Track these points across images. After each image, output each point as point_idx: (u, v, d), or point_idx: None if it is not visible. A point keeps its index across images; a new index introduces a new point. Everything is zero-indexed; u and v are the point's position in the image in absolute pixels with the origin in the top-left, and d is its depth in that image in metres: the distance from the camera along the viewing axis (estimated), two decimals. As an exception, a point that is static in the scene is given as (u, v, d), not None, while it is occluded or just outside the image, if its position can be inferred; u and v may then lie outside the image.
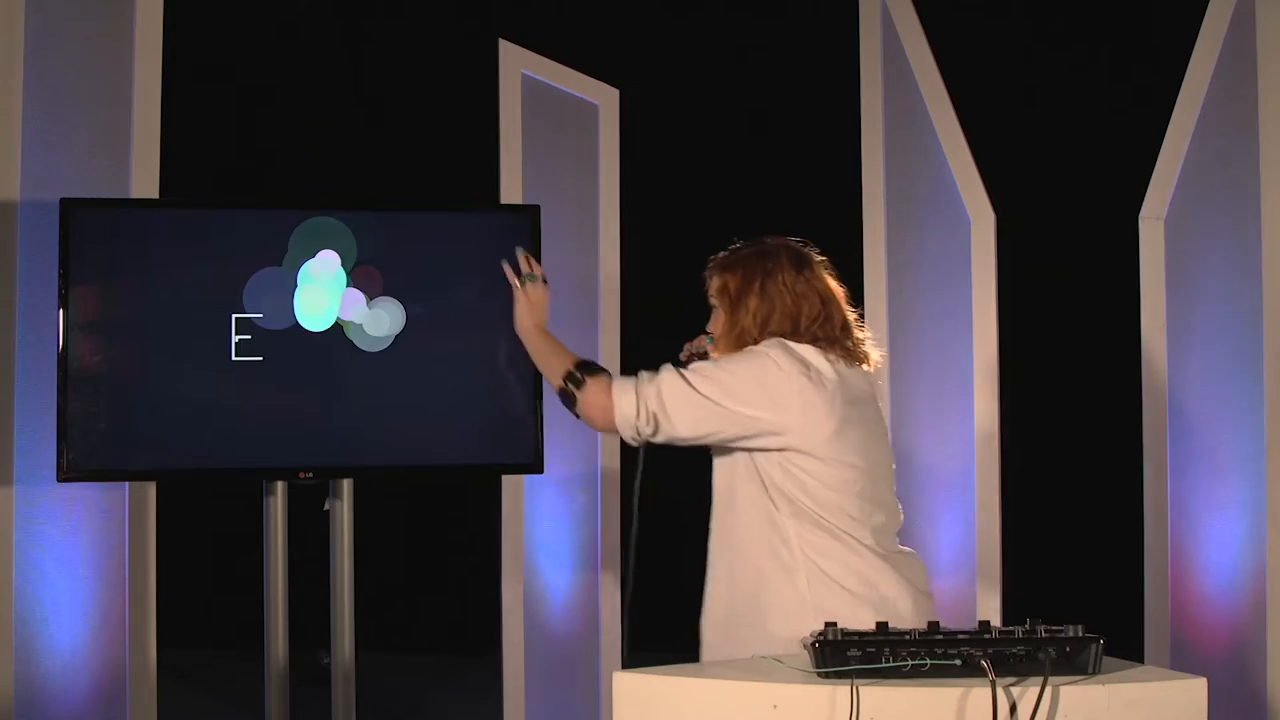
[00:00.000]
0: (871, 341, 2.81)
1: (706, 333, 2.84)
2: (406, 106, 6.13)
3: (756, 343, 2.70)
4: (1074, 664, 2.19)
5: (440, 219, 3.75)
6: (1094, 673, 2.19)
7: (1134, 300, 4.13)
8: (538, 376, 3.71)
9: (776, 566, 2.64)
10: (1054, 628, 2.20)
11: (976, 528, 4.22)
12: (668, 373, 2.68)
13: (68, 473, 3.47)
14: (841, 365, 2.70)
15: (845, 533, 2.63)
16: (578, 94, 4.40)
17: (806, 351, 2.67)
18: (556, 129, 4.37)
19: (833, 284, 2.78)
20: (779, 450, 2.64)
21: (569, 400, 2.76)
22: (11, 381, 3.69)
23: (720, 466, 2.77)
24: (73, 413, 3.46)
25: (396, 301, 3.64)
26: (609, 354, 4.36)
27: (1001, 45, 5.57)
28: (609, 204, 4.42)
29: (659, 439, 2.67)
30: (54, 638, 3.72)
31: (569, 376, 2.75)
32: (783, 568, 2.63)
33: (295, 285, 3.59)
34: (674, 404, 2.64)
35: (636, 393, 2.66)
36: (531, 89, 4.32)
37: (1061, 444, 5.41)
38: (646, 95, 4.85)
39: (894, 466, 2.81)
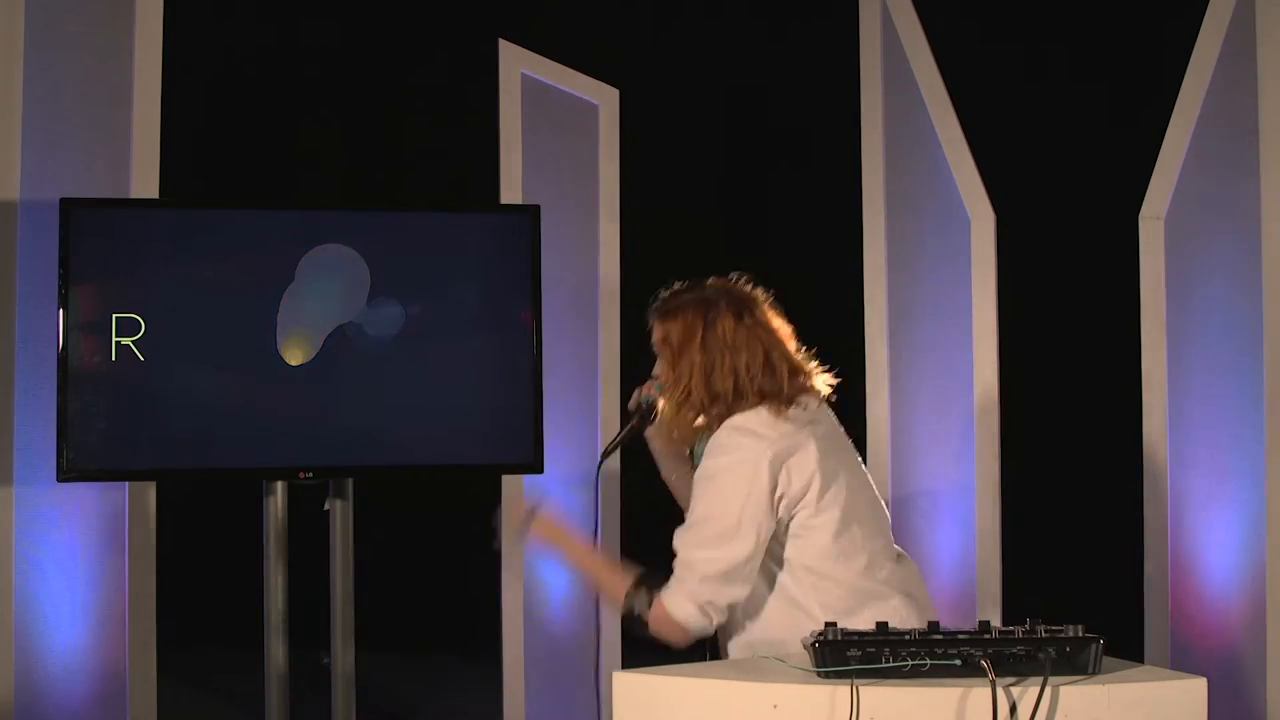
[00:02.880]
0: (819, 370, 2.73)
1: (655, 377, 2.78)
2: (406, 106, 6.13)
3: (704, 404, 2.62)
4: (1074, 664, 2.18)
5: (440, 219, 3.75)
6: (1094, 673, 2.19)
7: (1134, 300, 4.13)
8: (537, 376, 3.71)
9: (797, 623, 2.56)
10: (1054, 628, 2.20)
11: (976, 528, 4.22)
12: (688, 562, 2.55)
13: (68, 473, 3.47)
14: (796, 411, 2.63)
15: (858, 577, 2.59)
16: (578, 94, 4.40)
17: (757, 420, 2.59)
18: (556, 129, 4.37)
19: (777, 325, 2.71)
20: (791, 518, 2.59)
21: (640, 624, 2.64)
22: (11, 381, 3.69)
23: None
24: (73, 413, 3.46)
25: (396, 301, 3.64)
26: (609, 354, 4.36)
27: (1001, 45, 5.57)
28: (609, 204, 4.42)
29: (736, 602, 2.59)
30: (54, 638, 3.72)
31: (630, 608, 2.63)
32: (807, 620, 2.55)
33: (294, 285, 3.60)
34: (721, 584, 2.54)
35: (694, 604, 2.54)
36: (531, 89, 4.32)
37: (1061, 444, 5.40)
38: (646, 95, 4.85)
39: (869, 478, 2.77)
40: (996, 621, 2.86)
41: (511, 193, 4.25)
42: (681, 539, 2.59)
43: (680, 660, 2.46)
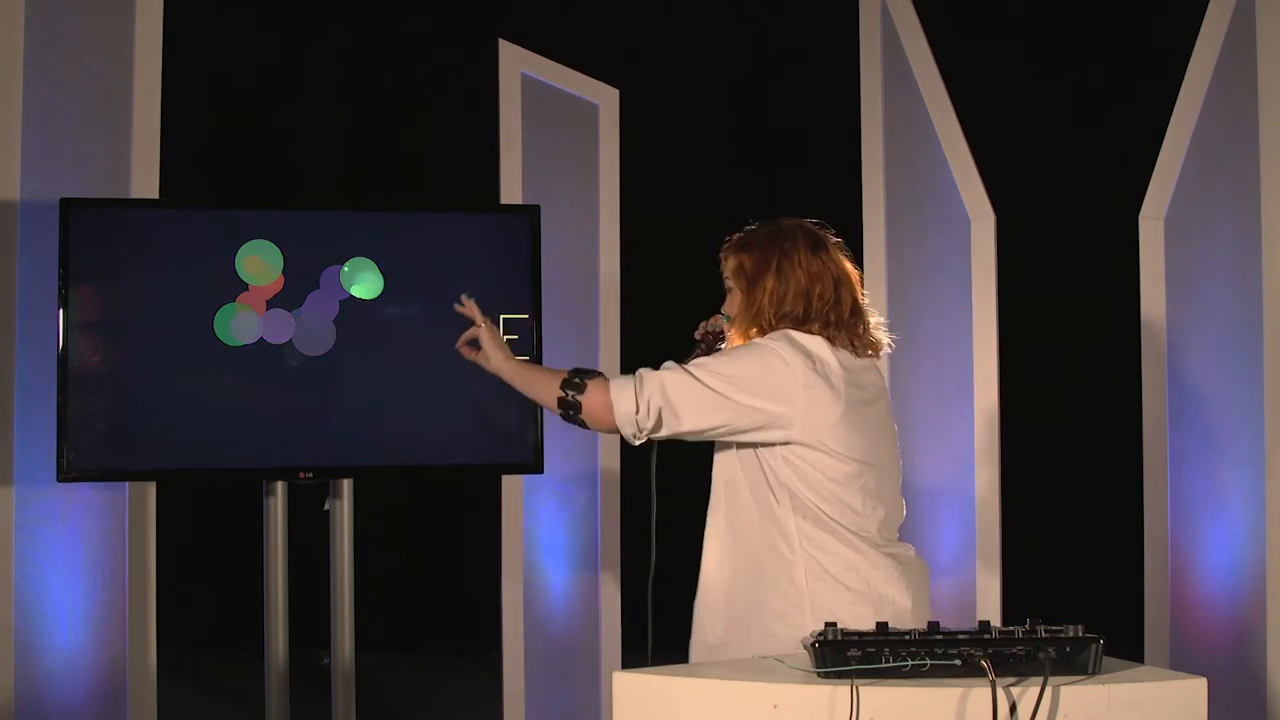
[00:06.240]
0: (882, 327, 2.79)
1: (722, 313, 2.84)
2: (407, 106, 6.13)
3: (772, 324, 2.69)
4: (1074, 664, 2.18)
5: (440, 219, 3.75)
6: (1094, 673, 2.19)
7: (1134, 300, 4.13)
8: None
9: (775, 560, 2.63)
10: (1054, 628, 2.19)
11: (976, 528, 4.22)
12: (670, 368, 2.66)
13: (68, 473, 3.47)
14: (849, 357, 2.68)
15: (845, 528, 2.62)
16: (578, 94, 4.40)
17: (813, 344, 2.66)
18: (556, 129, 4.37)
19: (847, 266, 2.78)
20: (784, 444, 2.63)
21: (573, 408, 2.72)
22: (11, 381, 3.69)
23: (722, 460, 2.76)
24: (73, 413, 3.46)
25: (396, 301, 3.64)
26: (609, 354, 4.36)
27: (1001, 45, 5.57)
28: (609, 204, 4.42)
29: (662, 433, 2.65)
30: (54, 638, 3.72)
31: (567, 384, 2.72)
32: (782, 561, 2.63)
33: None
34: (679, 397, 2.62)
35: (635, 389, 2.64)
36: (531, 89, 4.32)
37: (1061, 443, 5.41)
38: (646, 95, 4.85)
39: (900, 464, 2.80)
40: (996, 621, 2.86)
41: (511, 193, 4.25)
42: (677, 364, 2.66)
43: (680, 660, 2.46)
